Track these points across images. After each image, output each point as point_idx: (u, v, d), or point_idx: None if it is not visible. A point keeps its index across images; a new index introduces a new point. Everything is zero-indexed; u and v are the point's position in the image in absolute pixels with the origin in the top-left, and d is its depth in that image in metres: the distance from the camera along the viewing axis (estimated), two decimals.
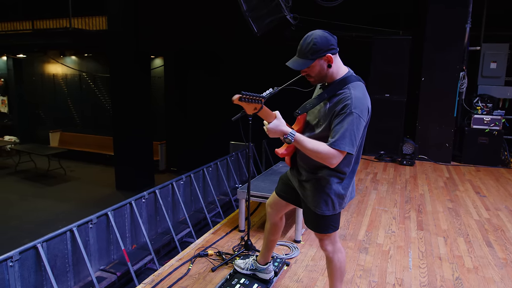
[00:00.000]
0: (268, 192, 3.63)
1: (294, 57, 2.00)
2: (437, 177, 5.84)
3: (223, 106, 9.76)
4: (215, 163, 6.94)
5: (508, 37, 6.96)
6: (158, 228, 5.40)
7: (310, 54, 1.93)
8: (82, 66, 13.26)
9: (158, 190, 5.31)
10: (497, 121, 6.44)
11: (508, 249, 3.48)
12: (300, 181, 2.20)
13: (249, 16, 4.97)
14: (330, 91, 1.99)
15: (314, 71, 1.98)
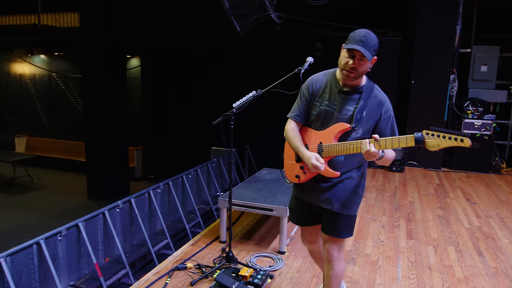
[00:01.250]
0: (251, 200, 3.64)
1: (352, 44, 2.03)
2: (427, 183, 5.96)
3: (204, 109, 9.78)
4: (195, 170, 6.92)
5: (499, 39, 7.19)
6: (133, 240, 5.34)
7: (373, 50, 2.07)
8: (52, 65, 13.06)
9: (133, 199, 5.26)
10: (488, 126, 6.63)
11: (499, 257, 3.57)
12: (326, 188, 2.25)
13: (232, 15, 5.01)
14: (366, 96, 2.15)
15: (364, 67, 2.09)
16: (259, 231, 4.05)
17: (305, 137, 2.30)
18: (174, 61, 10.55)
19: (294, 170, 2.33)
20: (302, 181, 2.29)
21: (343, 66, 2.10)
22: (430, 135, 1.77)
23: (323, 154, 2.17)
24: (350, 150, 2.07)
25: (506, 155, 7.33)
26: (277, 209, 3.51)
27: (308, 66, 2.68)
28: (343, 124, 2.14)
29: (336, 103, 2.17)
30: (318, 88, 2.26)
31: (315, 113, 2.24)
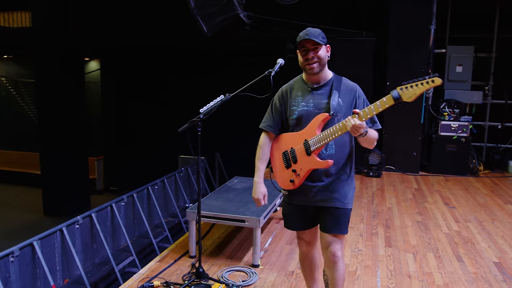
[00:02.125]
0: (221, 211, 3.64)
1: (300, 39, 2.33)
2: (405, 188, 6.12)
3: (170, 115, 9.71)
4: (161, 181, 6.86)
5: (473, 39, 7.49)
6: (95, 258, 5.24)
7: (321, 37, 2.34)
8: (1, 69, 12.67)
9: (94, 214, 5.17)
10: (465, 128, 6.87)
11: (478, 262, 3.70)
12: (322, 187, 2.41)
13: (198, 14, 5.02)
14: (337, 86, 2.40)
15: (322, 54, 2.35)
16: (231, 244, 4.05)
17: (287, 141, 2.46)
18: (137, 63, 10.43)
19: (286, 176, 2.46)
20: (297, 184, 2.42)
21: (304, 62, 2.36)
22: (404, 88, 2.04)
23: (311, 148, 2.33)
24: (336, 132, 2.25)
25: (483, 157, 7.63)
26: (250, 219, 3.52)
27: (278, 68, 2.72)
28: (322, 115, 2.33)
29: (312, 101, 2.40)
30: (291, 93, 2.47)
31: (295, 116, 2.41)
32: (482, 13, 7.50)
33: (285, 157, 2.47)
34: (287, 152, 2.46)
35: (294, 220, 2.57)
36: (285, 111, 2.48)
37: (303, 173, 2.38)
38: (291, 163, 2.43)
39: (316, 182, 2.41)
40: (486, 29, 7.49)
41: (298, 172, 2.40)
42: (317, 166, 2.35)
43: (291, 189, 2.46)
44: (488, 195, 5.87)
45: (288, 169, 2.44)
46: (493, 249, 4.00)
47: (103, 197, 10.26)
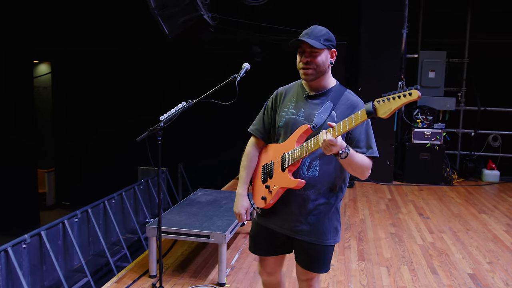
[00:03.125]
0: (184, 226, 3.61)
1: (298, 39, 2.13)
2: (379, 199, 6.25)
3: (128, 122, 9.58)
4: (119, 194, 6.74)
5: (446, 44, 7.79)
6: (44, 281, 5.09)
7: (323, 39, 2.14)
8: None
9: (44, 232, 5.03)
10: (438, 135, 7.11)
11: (453, 274, 3.82)
12: (300, 215, 2.20)
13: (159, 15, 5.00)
14: (335, 97, 2.19)
15: (319, 60, 2.14)
16: (195, 261, 4.01)
17: (270, 153, 2.30)
18: (91, 67, 10.25)
19: (260, 192, 2.30)
20: (268, 203, 2.23)
21: (300, 65, 2.18)
22: (381, 101, 1.86)
23: (286, 163, 2.14)
24: (310, 148, 2.02)
25: (457, 165, 7.90)
26: (215, 235, 3.50)
27: (244, 73, 2.73)
28: (302, 126, 2.14)
29: (303, 110, 2.21)
30: (285, 97, 2.31)
31: (282, 124, 2.25)
32: (454, 17, 7.82)
33: (263, 170, 2.32)
34: (266, 165, 2.31)
35: (259, 243, 2.39)
36: (275, 116, 2.32)
37: (275, 191, 2.20)
38: (267, 178, 2.27)
39: (291, 206, 2.21)
40: (458, 34, 7.81)
41: (270, 189, 2.22)
42: (288, 184, 2.13)
43: (262, 207, 2.28)
44: (462, 204, 6.08)
45: (263, 184, 2.29)
46: (467, 260, 4.13)
47: (54, 213, 9.98)
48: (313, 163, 2.15)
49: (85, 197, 8.32)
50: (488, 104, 7.83)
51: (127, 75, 9.90)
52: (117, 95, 10.06)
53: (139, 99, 9.70)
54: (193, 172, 8.97)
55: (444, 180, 7.23)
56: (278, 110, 2.30)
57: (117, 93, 10.06)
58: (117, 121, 10.00)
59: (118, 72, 9.98)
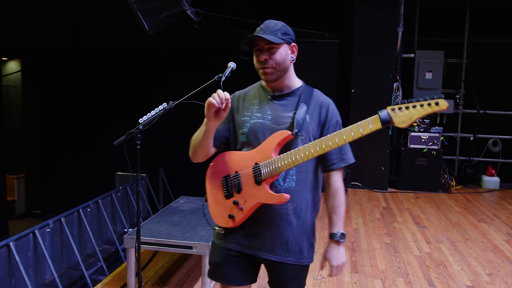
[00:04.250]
0: (165, 237, 3.59)
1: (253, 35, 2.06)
2: (373, 207, 6.29)
3: (105, 125, 9.52)
4: (95, 202, 6.69)
5: (443, 44, 7.89)
6: None
7: (281, 33, 2.06)
8: None
9: (13, 243, 4.97)
10: (436, 140, 7.19)
11: (451, 286, 3.86)
12: (270, 232, 2.09)
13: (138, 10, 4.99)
14: (306, 98, 2.13)
15: (278, 56, 2.06)
16: (177, 274, 4.00)
17: (232, 163, 2.12)
18: (65, 64, 10.16)
19: (225, 209, 2.10)
20: (238, 221, 2.07)
21: (257, 65, 2.10)
22: (397, 109, 1.77)
23: (262, 176, 2.00)
24: (299, 159, 1.95)
25: (455, 171, 7.99)
26: (198, 246, 3.49)
27: (229, 73, 2.72)
28: (282, 132, 2.02)
29: (270, 113, 2.11)
30: (244, 101, 2.21)
31: (246, 130, 2.13)
32: (452, 15, 7.92)
33: (226, 183, 2.11)
34: (229, 178, 2.10)
35: (225, 268, 2.17)
36: (234, 121, 2.19)
37: (248, 208, 2.04)
38: (233, 192, 2.08)
39: (264, 223, 2.07)
40: (456, 32, 7.92)
41: (241, 205, 2.05)
42: (267, 200, 2.00)
43: (230, 227, 2.11)
44: (461, 212, 6.15)
45: (228, 200, 2.09)
46: (466, 272, 4.18)
47: (24, 223, 9.85)
48: (289, 172, 2.05)
49: (58, 205, 8.23)
50: (487, 107, 7.95)
51: (104, 74, 9.83)
52: (94, 95, 9.98)
53: (117, 99, 9.63)
54: (175, 179, 8.93)
55: (441, 187, 7.30)
56: (238, 115, 2.18)
57: (94, 92, 9.98)
58: (93, 123, 9.93)
59: (94, 70, 9.91)
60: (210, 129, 2.04)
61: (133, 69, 9.46)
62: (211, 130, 2.05)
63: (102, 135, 9.11)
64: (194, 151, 2.18)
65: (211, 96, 1.96)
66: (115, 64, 9.62)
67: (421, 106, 1.73)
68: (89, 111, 10.06)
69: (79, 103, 10.16)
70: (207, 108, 1.96)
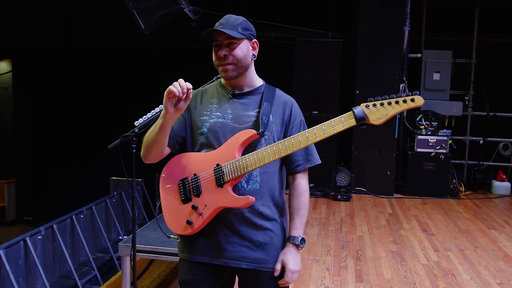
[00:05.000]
0: (162, 244, 3.59)
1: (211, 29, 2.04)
2: (378, 213, 6.29)
3: (99, 128, 9.52)
4: (88, 208, 6.70)
5: (451, 43, 7.89)
6: None
7: (241, 28, 2.05)
8: None
9: (3, 251, 4.98)
10: (444, 143, 7.18)
11: None
12: (237, 238, 2.06)
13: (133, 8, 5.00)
14: (269, 97, 2.12)
15: (239, 52, 2.04)
16: (174, 284, 4.00)
17: (190, 165, 2.08)
18: (59, 64, 10.18)
19: (181, 216, 2.04)
20: (196, 228, 2.02)
21: (217, 62, 2.08)
22: (371, 106, 1.81)
23: (224, 178, 1.97)
24: (263, 159, 1.94)
25: (464, 176, 7.99)
26: None
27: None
28: (246, 131, 2.01)
29: (231, 112, 2.10)
30: (202, 99, 2.18)
31: (206, 130, 2.09)
32: (461, 13, 7.92)
33: (183, 186, 2.06)
34: (187, 180, 2.06)
35: (196, 286, 2.12)
36: (191, 120, 2.15)
37: (209, 212, 1.99)
38: (191, 196, 2.03)
39: (229, 228, 2.04)
40: (465, 31, 7.92)
41: (200, 210, 2.00)
42: (231, 204, 1.97)
43: (187, 234, 2.05)
44: (470, 219, 6.14)
45: (185, 205, 2.04)
46: (476, 281, 4.17)
47: (15, 229, 9.87)
48: (252, 173, 2.03)
49: (50, 211, 8.24)
50: (498, 109, 7.94)
51: (98, 75, 9.84)
52: (87, 96, 9.99)
53: (112, 101, 9.64)
54: None
55: (450, 192, 7.29)
56: (196, 114, 2.14)
57: (87, 94, 9.99)
58: (87, 126, 9.94)
59: (88, 71, 9.93)
60: (167, 122, 1.97)
61: (129, 70, 9.47)
62: (168, 124, 1.98)
63: (96, 138, 9.12)
64: (147, 149, 2.11)
65: (171, 85, 1.91)
66: (109, 64, 9.64)
67: (396, 103, 1.77)
68: (82, 113, 10.07)
69: (72, 105, 10.17)
70: (167, 97, 1.90)
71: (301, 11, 8.17)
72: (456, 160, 7.87)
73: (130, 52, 9.28)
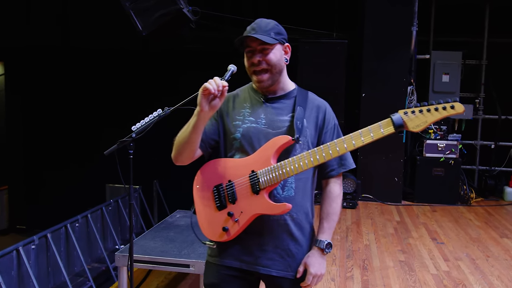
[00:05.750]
0: (160, 254, 3.59)
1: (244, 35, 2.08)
2: (386, 221, 6.28)
3: (95, 133, 9.54)
4: (84, 216, 6.71)
5: (461, 44, 7.89)
6: None
7: (274, 33, 2.09)
8: None
9: None
10: (453, 148, 7.17)
11: None
12: (269, 245, 2.11)
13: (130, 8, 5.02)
14: (302, 101, 2.16)
15: (273, 58, 2.08)
16: None
17: (224, 171, 2.12)
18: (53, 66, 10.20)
19: (217, 222, 2.10)
20: (233, 235, 2.07)
21: (250, 68, 2.13)
22: (410, 113, 1.85)
23: (260, 184, 2.02)
24: (300, 167, 1.99)
25: (475, 182, 7.97)
26: (196, 264, 3.49)
27: (230, 76, 2.73)
28: (281, 138, 2.05)
29: (264, 116, 2.14)
30: (234, 103, 2.23)
31: (239, 135, 2.14)
32: (471, 12, 7.92)
33: (218, 193, 2.11)
34: (221, 187, 2.11)
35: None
36: (223, 124, 2.20)
37: (245, 219, 2.04)
38: (227, 203, 2.08)
39: (262, 235, 2.10)
40: (475, 32, 7.92)
41: (236, 217, 2.05)
42: (268, 211, 2.03)
43: (224, 240, 2.10)
44: (482, 227, 6.13)
45: (221, 211, 2.09)
46: None
47: (7, 239, 9.85)
48: (288, 180, 2.08)
49: (44, 220, 8.24)
50: (510, 112, 7.93)
51: (94, 78, 9.86)
52: (82, 100, 10.01)
53: (108, 105, 9.66)
54: (171, 191, 8.92)
55: (460, 199, 7.27)
56: (229, 118, 2.19)
57: (82, 97, 10.01)
58: (82, 130, 9.95)
59: (83, 73, 9.95)
60: (201, 120, 2.01)
61: (126, 72, 9.50)
62: (202, 122, 2.02)
63: (91, 144, 9.14)
64: (179, 149, 2.14)
65: (207, 82, 1.97)
66: (106, 66, 9.66)
67: (435, 110, 1.80)
68: (77, 117, 10.08)
69: (66, 108, 10.20)
70: (202, 95, 1.96)
71: (304, 11, 8.18)
72: (466, 166, 7.85)
73: (126, 54, 9.31)
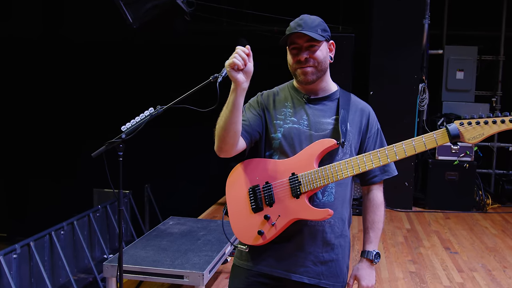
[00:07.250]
0: (152, 264, 3.59)
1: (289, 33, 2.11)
2: (395, 229, 6.28)
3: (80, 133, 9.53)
4: (69, 223, 6.70)
5: (476, 38, 7.89)
6: None
7: (320, 30, 2.13)
8: None
9: None
10: (468, 150, 7.16)
11: None
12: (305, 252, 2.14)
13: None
14: (345, 103, 2.21)
15: (320, 55, 2.12)
16: None
17: (261, 172, 2.15)
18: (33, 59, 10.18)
19: (252, 225, 2.11)
20: (268, 238, 2.09)
21: (295, 65, 2.15)
22: (466, 124, 1.90)
23: (302, 188, 2.05)
24: (347, 171, 2.04)
25: (492, 187, 7.96)
26: (190, 275, 3.49)
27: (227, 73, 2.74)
28: (326, 141, 2.09)
29: (307, 118, 2.17)
30: (275, 102, 2.25)
31: (280, 135, 2.17)
32: (487, 5, 7.93)
33: (254, 194, 2.13)
34: (258, 188, 2.13)
35: None
36: (265, 120, 2.23)
37: (282, 224, 2.06)
38: (263, 206, 2.10)
39: (297, 241, 2.12)
40: (491, 25, 7.92)
41: (273, 220, 2.06)
42: (309, 216, 2.05)
43: (258, 244, 2.11)
44: (498, 235, 6.13)
45: (256, 214, 2.11)
46: None
47: None
48: (328, 185, 2.10)
49: (26, 227, 8.24)
50: None
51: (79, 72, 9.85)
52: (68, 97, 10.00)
53: (96, 103, 9.65)
54: (163, 196, 8.93)
55: (475, 205, 7.27)
56: (270, 115, 2.22)
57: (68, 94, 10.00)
58: (67, 131, 9.94)
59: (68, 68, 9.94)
60: (240, 94, 1.99)
61: (115, 67, 9.48)
62: (241, 95, 1.99)
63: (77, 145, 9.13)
64: (221, 135, 2.06)
65: (231, 57, 1.95)
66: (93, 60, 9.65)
67: (493, 123, 1.85)
68: (62, 116, 10.07)
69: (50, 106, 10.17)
70: (232, 71, 1.95)
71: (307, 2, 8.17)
72: (482, 169, 7.85)
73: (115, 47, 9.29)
